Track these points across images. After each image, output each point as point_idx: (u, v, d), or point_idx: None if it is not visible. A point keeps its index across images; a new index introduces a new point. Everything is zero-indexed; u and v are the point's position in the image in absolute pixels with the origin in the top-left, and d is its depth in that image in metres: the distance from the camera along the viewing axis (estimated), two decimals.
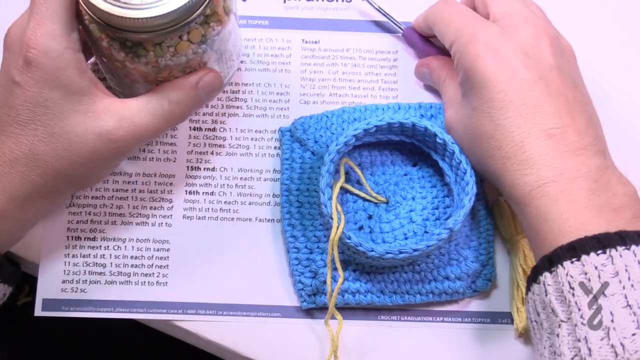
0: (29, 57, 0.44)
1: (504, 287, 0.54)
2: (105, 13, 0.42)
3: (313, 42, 0.58)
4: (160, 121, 0.47)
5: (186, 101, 0.47)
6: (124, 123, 0.46)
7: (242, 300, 0.53)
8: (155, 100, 0.47)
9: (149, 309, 0.53)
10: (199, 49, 0.46)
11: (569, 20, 0.56)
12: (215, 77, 0.48)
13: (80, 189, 0.51)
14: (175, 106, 0.47)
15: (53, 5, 0.44)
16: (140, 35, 0.44)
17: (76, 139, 0.45)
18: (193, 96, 0.48)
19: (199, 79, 0.48)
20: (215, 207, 0.55)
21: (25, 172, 0.45)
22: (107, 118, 0.45)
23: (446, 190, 0.54)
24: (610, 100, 0.59)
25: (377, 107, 0.56)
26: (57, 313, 0.53)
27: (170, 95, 0.47)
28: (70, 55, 0.44)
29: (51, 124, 0.45)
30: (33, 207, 0.47)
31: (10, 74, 0.45)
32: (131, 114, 0.46)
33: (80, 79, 0.45)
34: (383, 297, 0.52)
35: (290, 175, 0.54)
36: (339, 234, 0.49)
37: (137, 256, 0.54)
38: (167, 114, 0.47)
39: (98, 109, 0.45)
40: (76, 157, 0.45)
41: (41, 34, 0.44)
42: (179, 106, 0.47)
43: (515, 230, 0.53)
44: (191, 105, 0.48)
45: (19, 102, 0.44)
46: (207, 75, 0.48)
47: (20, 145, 0.45)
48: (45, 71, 0.44)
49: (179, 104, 0.47)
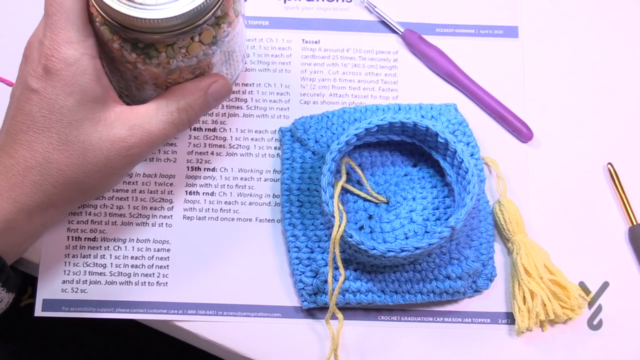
0: (47, 65, 0.44)
1: (504, 287, 0.54)
2: (119, 14, 0.43)
3: (313, 42, 0.58)
4: (170, 127, 0.47)
5: (195, 107, 0.48)
6: (135, 130, 0.46)
7: (242, 301, 0.53)
8: (165, 107, 0.47)
9: (149, 309, 0.53)
10: (210, 50, 0.46)
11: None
12: (224, 85, 0.49)
13: (91, 198, 0.51)
14: (184, 113, 0.48)
15: (66, 14, 0.44)
16: (153, 36, 0.44)
17: (90, 147, 0.45)
18: (201, 103, 0.48)
19: (208, 86, 0.48)
20: (215, 207, 0.55)
21: (39, 182, 0.45)
22: (120, 126, 0.46)
23: (446, 190, 0.54)
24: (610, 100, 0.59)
25: (377, 108, 0.56)
26: (58, 313, 0.53)
27: (180, 101, 0.47)
28: (87, 62, 0.45)
29: (66, 132, 0.45)
30: (42, 218, 0.47)
31: (28, 83, 0.45)
32: (142, 121, 0.46)
33: (96, 85, 0.45)
34: (384, 296, 0.52)
35: (290, 174, 0.54)
36: (341, 232, 0.49)
37: (137, 256, 0.54)
38: (176, 120, 0.47)
39: (110, 117, 0.46)
40: (90, 165, 0.46)
41: (58, 42, 0.44)
42: (187, 112, 0.48)
43: (515, 230, 0.53)
44: (199, 112, 0.49)
45: (35, 109, 0.45)
46: (216, 83, 0.48)
47: (35, 153, 0.45)
48: (63, 78, 0.44)
49: (188, 110, 0.48)
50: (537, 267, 0.52)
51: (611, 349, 0.53)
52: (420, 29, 0.59)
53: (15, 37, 0.57)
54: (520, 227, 0.54)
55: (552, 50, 0.59)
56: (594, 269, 0.55)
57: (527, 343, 0.53)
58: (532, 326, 0.52)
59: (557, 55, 0.59)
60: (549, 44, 0.60)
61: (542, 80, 0.59)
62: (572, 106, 0.58)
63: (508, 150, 0.57)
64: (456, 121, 0.55)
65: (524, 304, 0.52)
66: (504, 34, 0.60)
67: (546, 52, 0.59)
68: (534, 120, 0.57)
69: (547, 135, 0.57)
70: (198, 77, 0.49)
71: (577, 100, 0.58)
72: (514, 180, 0.56)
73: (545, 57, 0.59)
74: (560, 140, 0.58)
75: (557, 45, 0.60)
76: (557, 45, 0.60)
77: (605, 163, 0.57)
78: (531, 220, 0.55)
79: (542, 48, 0.60)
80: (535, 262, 0.52)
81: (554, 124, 0.58)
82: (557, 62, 0.59)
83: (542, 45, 0.60)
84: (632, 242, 0.55)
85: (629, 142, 0.58)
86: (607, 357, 0.53)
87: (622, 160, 0.57)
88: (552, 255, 0.54)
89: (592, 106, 0.58)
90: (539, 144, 0.57)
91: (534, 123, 0.57)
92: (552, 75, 0.59)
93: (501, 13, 0.60)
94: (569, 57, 0.59)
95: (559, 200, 0.56)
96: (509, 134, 0.57)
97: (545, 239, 0.55)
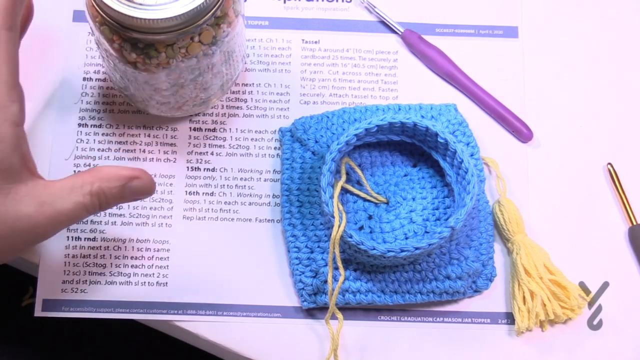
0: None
1: (504, 287, 0.54)
2: (119, 14, 0.43)
3: (313, 42, 0.59)
4: (81, 209, 0.45)
5: (109, 196, 0.45)
6: (44, 208, 0.44)
7: (242, 301, 0.53)
8: (80, 188, 0.44)
9: (149, 309, 0.53)
10: (209, 50, 0.46)
11: None
12: (148, 184, 0.46)
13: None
14: (96, 197, 0.45)
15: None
16: (153, 36, 0.44)
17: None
18: (117, 193, 0.46)
19: (129, 177, 0.46)
20: (215, 207, 0.55)
21: None
22: (29, 201, 0.43)
23: (446, 191, 0.54)
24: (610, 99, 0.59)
25: (377, 108, 0.56)
26: (57, 313, 0.53)
27: (95, 184, 0.45)
28: (7, 129, 0.43)
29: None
30: None
31: None
32: (53, 199, 0.44)
33: (12, 154, 0.43)
34: (384, 296, 0.52)
35: (290, 174, 0.54)
36: (341, 232, 0.49)
37: (137, 256, 0.54)
38: (88, 203, 0.45)
39: (21, 190, 0.44)
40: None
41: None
42: (99, 198, 0.45)
43: (515, 230, 0.53)
44: (113, 202, 0.46)
45: None
46: (141, 179, 0.46)
47: None
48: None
49: (101, 196, 0.45)
50: (537, 267, 0.52)
51: (611, 349, 0.53)
52: (420, 29, 0.59)
53: None
54: (520, 227, 0.54)
55: (552, 50, 0.59)
56: (594, 269, 0.55)
57: (527, 343, 0.53)
58: (532, 326, 0.52)
59: (557, 55, 0.59)
60: (549, 44, 0.60)
61: (542, 80, 0.59)
62: (572, 106, 0.58)
63: (508, 150, 0.57)
64: (456, 121, 0.55)
65: (524, 304, 0.52)
66: (504, 34, 0.60)
67: (546, 52, 0.59)
68: (534, 120, 0.57)
69: (547, 135, 0.57)
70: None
71: (577, 100, 0.58)
72: (514, 180, 0.56)
73: (545, 57, 0.59)
74: (560, 140, 0.58)
75: (557, 45, 0.60)
76: (557, 45, 0.60)
77: (605, 163, 0.57)
78: (531, 220, 0.55)
79: (542, 48, 0.60)
80: (535, 262, 0.52)
81: (554, 124, 0.58)
82: (557, 62, 0.59)
83: (542, 45, 0.60)
84: (632, 242, 0.55)
85: (629, 142, 0.58)
86: (607, 357, 0.53)
87: (622, 160, 0.57)
88: (552, 255, 0.54)
89: (592, 106, 0.58)
90: (539, 144, 0.57)
91: (534, 123, 0.57)
92: (552, 75, 0.59)
93: (501, 13, 0.60)
94: (569, 57, 0.59)
95: (559, 200, 0.56)
96: (509, 134, 0.57)
97: (545, 239, 0.54)
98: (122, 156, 0.55)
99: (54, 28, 0.58)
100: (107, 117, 0.56)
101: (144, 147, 0.56)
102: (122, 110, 0.56)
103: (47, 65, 0.57)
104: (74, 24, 0.58)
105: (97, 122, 0.56)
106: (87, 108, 0.56)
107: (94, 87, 0.57)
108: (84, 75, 0.57)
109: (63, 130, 0.56)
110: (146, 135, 0.56)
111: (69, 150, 0.55)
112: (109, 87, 0.57)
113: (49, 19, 0.58)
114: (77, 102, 0.56)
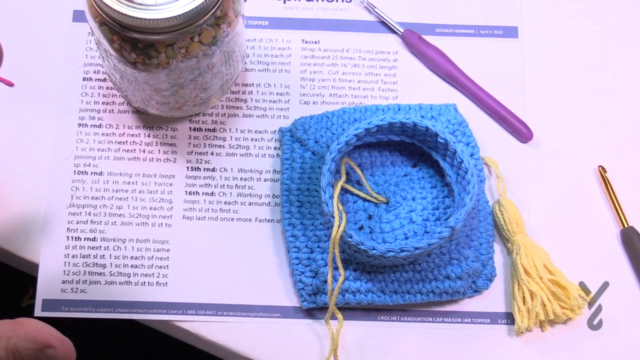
0: None
1: (503, 287, 0.54)
2: (119, 14, 0.43)
3: (313, 42, 0.59)
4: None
5: (23, 356, 0.41)
6: None
7: (242, 301, 0.53)
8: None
9: (149, 310, 0.53)
10: (209, 50, 0.46)
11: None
12: (62, 358, 0.41)
13: None
14: (11, 354, 0.41)
15: None
16: (153, 36, 0.44)
17: None
18: (32, 355, 0.41)
19: (44, 345, 0.41)
20: (215, 207, 0.55)
21: None
22: None
23: (446, 191, 0.54)
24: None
25: (377, 108, 0.56)
26: (57, 313, 0.53)
27: (11, 341, 0.40)
28: None
29: None
30: None
31: None
32: None
33: None
34: (384, 296, 0.52)
35: (290, 174, 0.54)
36: (341, 232, 0.49)
37: (137, 256, 0.54)
38: (3, 357, 0.40)
39: None
40: None
41: None
42: (14, 356, 0.41)
43: (515, 230, 0.53)
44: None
45: None
46: (53, 350, 0.41)
47: None
48: None
49: (15, 354, 0.41)
50: (537, 267, 0.52)
51: (611, 349, 0.53)
52: (419, 29, 0.59)
53: (15, 38, 0.58)
54: (520, 227, 0.54)
55: (552, 50, 0.59)
56: (593, 269, 0.55)
57: (527, 343, 0.53)
58: (531, 326, 0.52)
59: (557, 55, 0.59)
60: (549, 44, 0.60)
61: (542, 80, 0.59)
62: (572, 106, 0.58)
63: (508, 150, 0.57)
64: (456, 121, 0.55)
65: (524, 304, 0.52)
66: (503, 34, 0.60)
67: (546, 52, 0.59)
68: (534, 120, 0.57)
69: (547, 136, 0.57)
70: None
71: (577, 100, 0.58)
72: (514, 180, 0.56)
73: (545, 57, 0.59)
74: (560, 140, 0.57)
75: (557, 45, 0.60)
76: (557, 45, 0.60)
77: (606, 163, 0.57)
78: (531, 221, 0.55)
79: (542, 48, 0.59)
80: (535, 262, 0.52)
81: (554, 124, 0.58)
82: (557, 62, 0.59)
83: (542, 45, 0.60)
84: (624, 245, 0.55)
85: (629, 142, 0.58)
86: (607, 357, 0.53)
87: (622, 160, 0.57)
88: (552, 255, 0.54)
89: (592, 106, 0.58)
90: (539, 144, 0.57)
91: (534, 123, 0.57)
92: (552, 75, 0.59)
93: (501, 13, 0.60)
94: (569, 57, 0.59)
95: (559, 200, 0.56)
96: (509, 134, 0.57)
97: (545, 239, 0.54)
98: (122, 156, 0.55)
99: (54, 28, 0.58)
100: (107, 117, 0.56)
101: (144, 147, 0.56)
102: (122, 110, 0.56)
103: (47, 65, 0.57)
104: (74, 24, 0.58)
105: (97, 122, 0.56)
106: (87, 108, 0.56)
107: (94, 87, 0.57)
108: (83, 75, 0.57)
109: (63, 130, 0.56)
110: (146, 135, 0.56)
111: (69, 150, 0.55)
112: (109, 87, 0.57)
113: (49, 19, 0.58)
114: (76, 102, 0.56)
